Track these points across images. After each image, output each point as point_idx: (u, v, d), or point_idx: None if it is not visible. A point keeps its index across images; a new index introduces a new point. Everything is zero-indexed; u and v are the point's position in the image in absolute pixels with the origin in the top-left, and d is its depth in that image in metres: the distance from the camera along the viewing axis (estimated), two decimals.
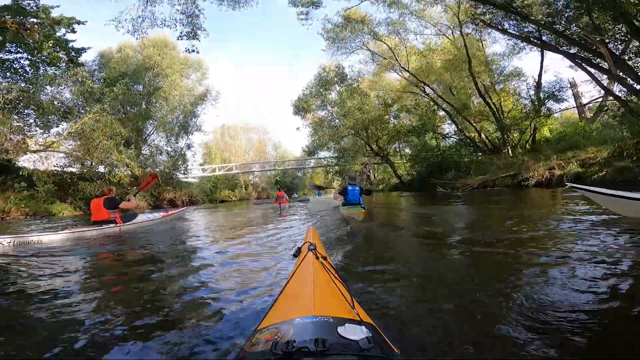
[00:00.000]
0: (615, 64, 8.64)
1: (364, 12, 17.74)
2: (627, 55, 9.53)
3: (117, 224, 5.35)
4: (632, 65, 9.12)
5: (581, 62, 10.46)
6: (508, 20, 12.55)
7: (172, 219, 7.61)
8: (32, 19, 14.19)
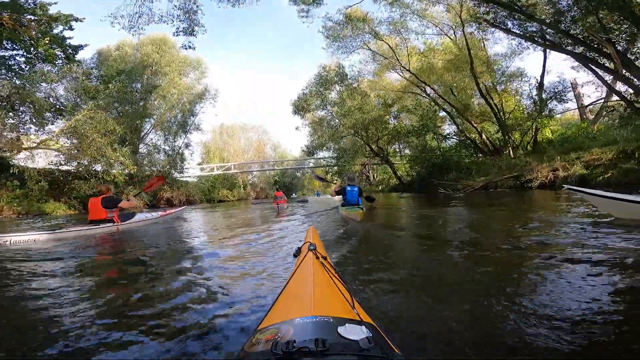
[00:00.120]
0: (621, 64, 8.46)
1: (365, 11, 17.62)
2: (634, 55, 9.36)
3: (115, 223, 5.29)
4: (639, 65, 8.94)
5: (586, 62, 10.29)
6: (511, 20, 12.40)
7: (170, 218, 7.56)
8: (30, 16, 14.01)
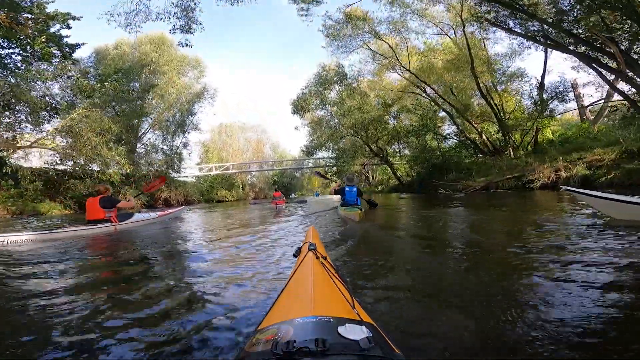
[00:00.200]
0: (625, 63, 8.35)
1: (365, 10, 17.48)
2: (637, 54, 9.25)
3: (113, 223, 5.24)
4: None
5: (589, 61, 10.18)
6: (513, 19, 12.30)
7: (168, 218, 7.50)
8: (27, 15, 13.85)
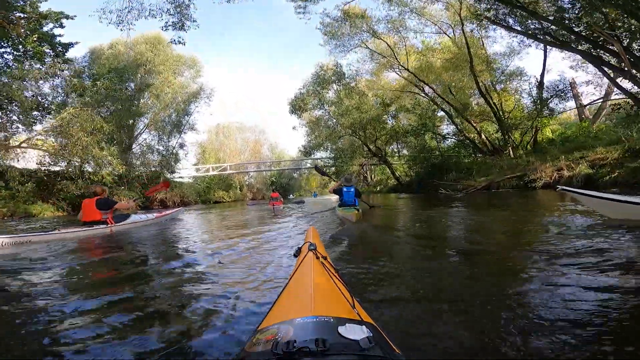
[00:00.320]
0: (629, 61, 8.22)
1: (364, 8, 17.31)
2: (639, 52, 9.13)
3: (109, 225, 5.20)
4: None
5: (592, 59, 10.05)
6: (512, 17, 12.16)
7: (165, 219, 7.40)
8: (19, 14, 13.58)
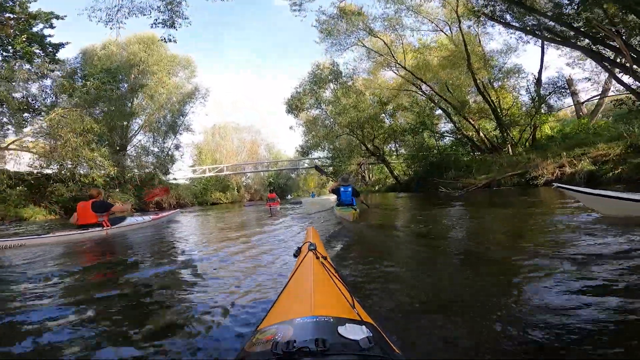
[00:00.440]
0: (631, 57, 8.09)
1: (360, 6, 17.15)
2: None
3: (104, 227, 5.13)
4: None
5: (592, 55, 9.94)
6: (510, 13, 12.04)
7: (162, 222, 7.26)
8: (8, 14, 13.29)
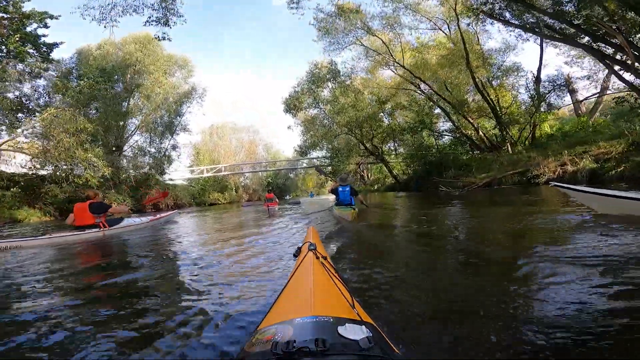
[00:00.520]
0: (633, 54, 8.01)
1: (357, 3, 16.97)
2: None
3: (102, 229, 5.10)
4: None
5: (593, 52, 9.87)
6: (509, 11, 11.96)
7: (160, 223, 7.18)
8: (2, 14, 13.11)
